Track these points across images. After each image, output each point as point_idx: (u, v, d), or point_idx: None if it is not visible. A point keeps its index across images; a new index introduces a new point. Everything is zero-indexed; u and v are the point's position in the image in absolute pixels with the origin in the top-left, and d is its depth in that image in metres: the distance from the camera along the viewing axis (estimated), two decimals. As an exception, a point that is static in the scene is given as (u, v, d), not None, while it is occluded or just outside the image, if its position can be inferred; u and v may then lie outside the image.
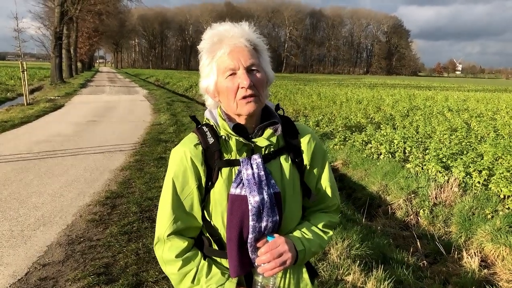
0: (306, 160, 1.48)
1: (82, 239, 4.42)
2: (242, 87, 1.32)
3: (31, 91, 23.59)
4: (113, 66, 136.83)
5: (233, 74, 1.34)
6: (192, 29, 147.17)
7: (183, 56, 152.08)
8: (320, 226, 1.50)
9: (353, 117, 13.24)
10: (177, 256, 1.37)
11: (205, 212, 1.40)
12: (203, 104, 18.82)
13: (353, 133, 10.37)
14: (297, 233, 1.43)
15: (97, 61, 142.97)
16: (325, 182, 1.52)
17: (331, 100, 19.18)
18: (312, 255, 1.48)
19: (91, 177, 6.75)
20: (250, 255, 1.35)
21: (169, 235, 1.38)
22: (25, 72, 18.10)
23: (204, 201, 1.39)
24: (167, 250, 1.39)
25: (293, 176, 1.43)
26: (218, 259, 1.42)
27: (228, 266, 1.38)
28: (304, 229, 1.46)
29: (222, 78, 1.36)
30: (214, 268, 1.38)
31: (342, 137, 10.06)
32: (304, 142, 1.49)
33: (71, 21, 38.64)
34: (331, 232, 1.54)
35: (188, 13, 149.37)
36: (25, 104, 17.17)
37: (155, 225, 4.88)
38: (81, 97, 22.20)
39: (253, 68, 1.35)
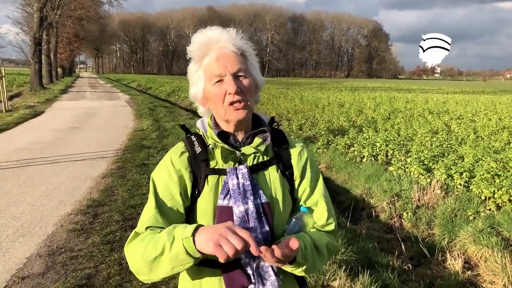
0: (296, 173, 1.43)
1: (63, 250, 4.32)
2: (229, 93, 1.31)
3: (10, 98, 23.08)
4: (94, 72, 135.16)
5: (221, 80, 1.32)
6: (173, 33, 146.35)
7: (165, 61, 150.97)
8: (319, 244, 1.35)
9: (335, 121, 13.32)
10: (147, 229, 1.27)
11: (191, 222, 1.33)
12: (186, 109, 18.61)
13: (336, 137, 10.43)
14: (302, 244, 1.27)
15: (78, 66, 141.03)
16: (319, 197, 1.43)
17: (313, 104, 19.28)
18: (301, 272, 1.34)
19: (72, 185, 6.62)
20: (245, 270, 1.27)
21: (147, 227, 1.27)
22: (4, 78, 17.75)
23: (192, 211, 1.35)
24: (141, 237, 1.26)
25: (282, 187, 1.38)
26: (209, 275, 1.34)
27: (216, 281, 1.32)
28: (308, 244, 1.31)
29: (210, 84, 1.35)
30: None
31: (325, 140, 10.10)
32: (295, 154, 1.45)
33: (50, 27, 38.02)
34: (326, 256, 1.39)
35: (170, 18, 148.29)
36: (4, 110, 16.79)
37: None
38: (61, 103, 21.86)
39: (240, 74, 1.33)
